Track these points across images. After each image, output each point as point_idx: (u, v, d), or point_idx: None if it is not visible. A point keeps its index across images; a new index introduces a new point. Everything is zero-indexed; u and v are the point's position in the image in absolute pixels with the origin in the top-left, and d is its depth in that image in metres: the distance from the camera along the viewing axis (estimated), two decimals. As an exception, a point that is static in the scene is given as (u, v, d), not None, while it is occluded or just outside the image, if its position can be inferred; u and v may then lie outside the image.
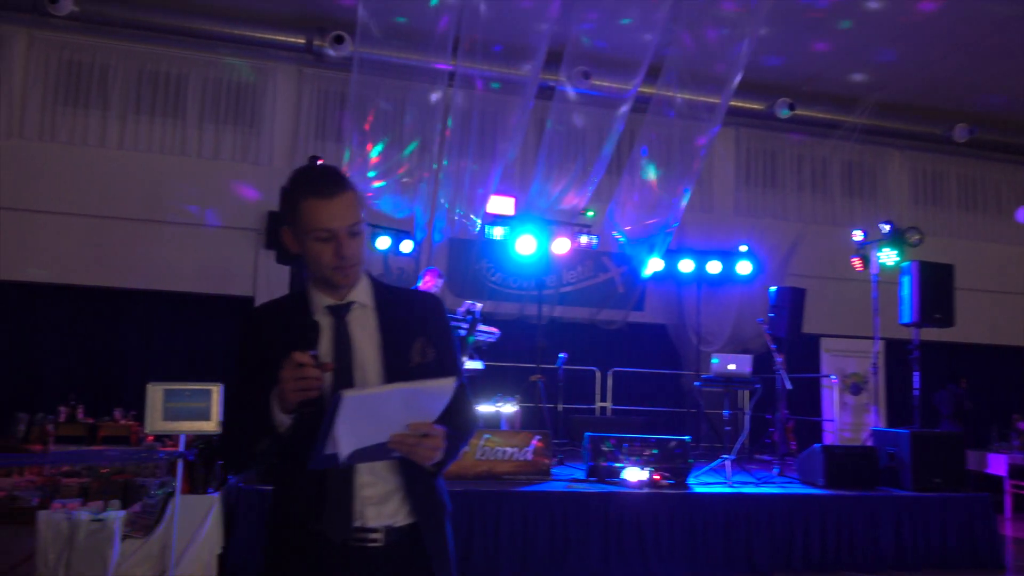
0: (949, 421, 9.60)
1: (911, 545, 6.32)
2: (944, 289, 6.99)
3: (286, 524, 1.82)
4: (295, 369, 1.64)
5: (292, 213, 1.81)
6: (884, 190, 11.73)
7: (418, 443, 1.68)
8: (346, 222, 1.78)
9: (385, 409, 1.64)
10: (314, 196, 1.78)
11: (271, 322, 1.90)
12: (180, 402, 4.57)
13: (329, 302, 1.87)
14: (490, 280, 10.02)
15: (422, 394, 1.68)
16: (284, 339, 1.74)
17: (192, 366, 9.37)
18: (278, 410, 1.69)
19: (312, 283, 1.90)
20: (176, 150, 9.33)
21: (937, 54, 9.42)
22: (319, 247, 1.80)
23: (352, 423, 1.59)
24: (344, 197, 1.79)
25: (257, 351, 1.86)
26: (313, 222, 1.77)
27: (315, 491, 1.77)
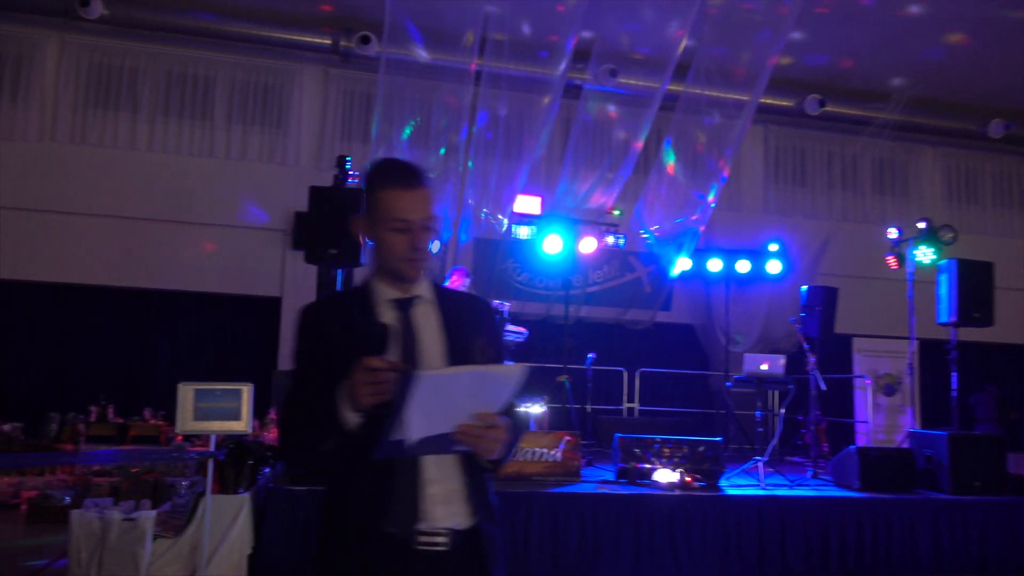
0: (988, 424, 9.38)
1: (950, 549, 6.16)
2: (983, 288, 6.82)
3: (346, 523, 1.77)
4: (368, 373, 1.62)
5: (370, 202, 1.83)
6: (916, 187, 11.52)
7: (483, 434, 1.66)
8: (422, 215, 1.81)
9: (454, 393, 1.62)
10: (396, 187, 1.81)
11: (332, 316, 1.88)
12: (211, 402, 4.57)
13: (394, 295, 1.86)
14: (516, 280, 9.97)
15: (491, 378, 1.67)
16: (348, 333, 1.77)
17: (220, 366, 9.43)
18: (347, 409, 1.67)
19: (376, 275, 1.89)
20: (204, 151, 9.40)
21: (972, 49, 9.22)
22: (394, 237, 1.80)
23: (423, 406, 1.58)
24: (423, 191, 1.82)
25: (318, 346, 1.83)
26: (392, 212, 1.79)
27: (381, 488, 1.73)
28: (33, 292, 9.10)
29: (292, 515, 5.18)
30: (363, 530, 1.74)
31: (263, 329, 9.64)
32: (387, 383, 1.61)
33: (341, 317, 1.85)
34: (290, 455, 1.96)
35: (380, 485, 1.73)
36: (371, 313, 1.83)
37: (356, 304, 1.86)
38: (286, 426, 1.85)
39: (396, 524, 1.73)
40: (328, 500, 1.84)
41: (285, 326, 9.36)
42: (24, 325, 9.12)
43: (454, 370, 1.70)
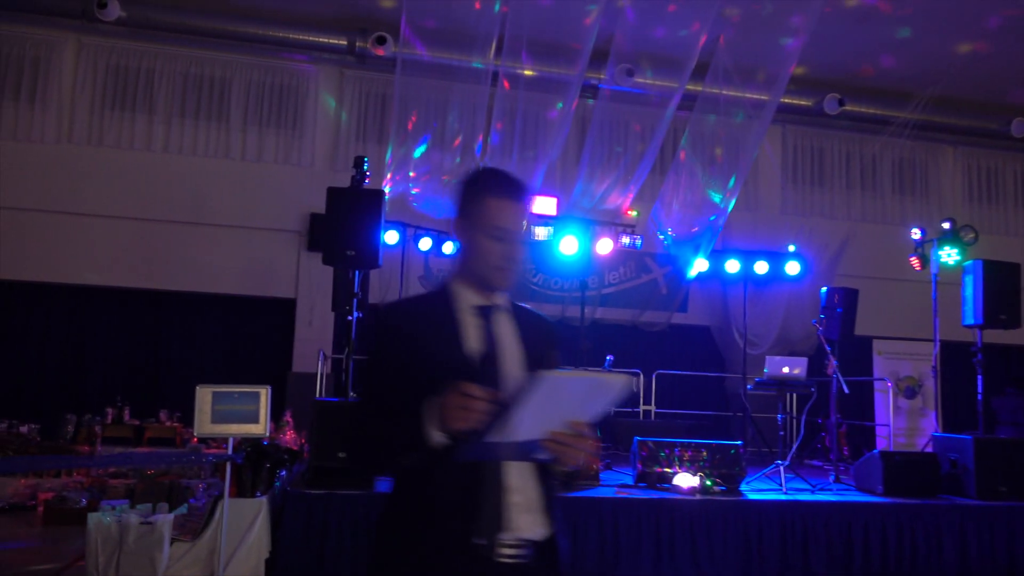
0: (1010, 427, 9.24)
1: (976, 556, 6.05)
2: (1010, 289, 6.68)
3: (428, 530, 1.71)
4: (462, 398, 1.58)
5: (472, 206, 1.84)
6: (937, 187, 11.37)
7: (573, 443, 1.65)
8: (521, 228, 1.84)
9: (564, 398, 1.61)
10: (501, 196, 1.82)
11: (415, 318, 1.85)
12: (229, 405, 4.54)
13: (476, 301, 1.86)
14: (531, 281, 9.91)
15: (599, 387, 1.64)
16: (432, 338, 1.77)
17: (235, 368, 9.43)
18: (434, 428, 1.63)
19: (460, 279, 1.90)
20: (220, 153, 9.40)
21: (993, 47, 9.09)
22: (490, 245, 1.82)
23: (535, 407, 1.56)
24: (524, 205, 1.85)
25: (401, 349, 1.80)
26: (493, 219, 1.81)
27: (468, 496, 1.69)
28: (50, 293, 9.12)
29: (309, 519, 5.15)
30: (447, 538, 1.69)
31: (278, 331, 9.62)
32: (480, 412, 1.58)
33: (424, 320, 1.83)
34: (364, 463, 1.90)
35: (467, 493, 1.69)
36: (454, 318, 1.83)
37: (438, 307, 1.86)
38: (362, 433, 1.80)
39: (483, 533, 1.69)
40: (404, 506, 1.77)
41: (300, 327, 9.35)
42: (41, 326, 9.15)
43: (573, 374, 1.67)
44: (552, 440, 1.63)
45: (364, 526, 5.22)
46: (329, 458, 5.41)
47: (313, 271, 9.21)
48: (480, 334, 1.81)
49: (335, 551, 5.14)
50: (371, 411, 1.79)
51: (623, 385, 1.63)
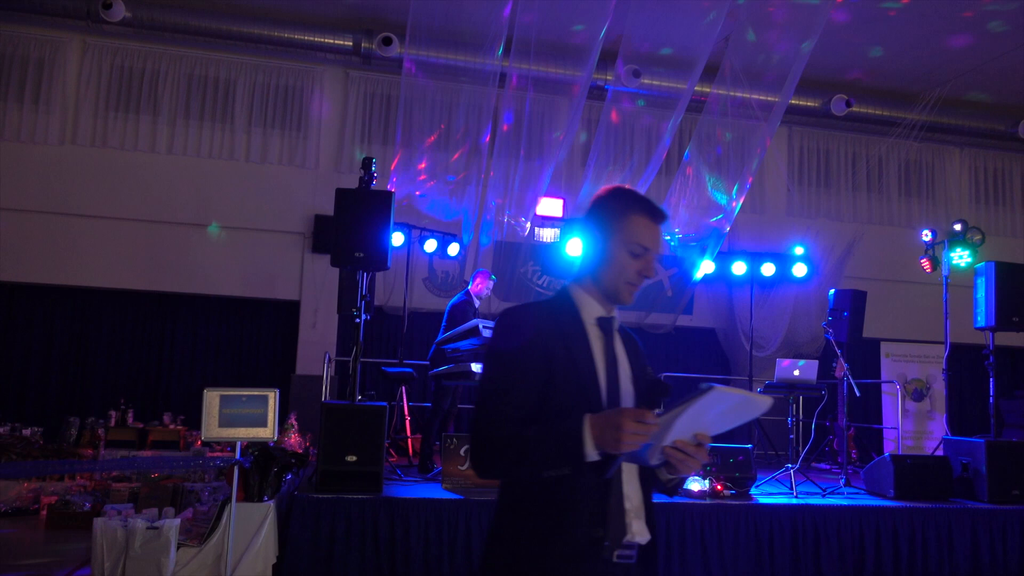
0: (1019, 430, 9.19)
1: (988, 560, 6.01)
2: (1022, 291, 6.64)
3: (563, 536, 1.75)
4: (639, 424, 1.61)
5: (616, 221, 1.91)
6: (944, 189, 11.32)
7: (695, 454, 1.68)
8: (659, 249, 1.93)
9: (710, 412, 1.65)
10: (646, 215, 1.91)
11: (541, 324, 1.85)
12: (236, 408, 4.49)
13: (600, 313, 1.92)
14: (536, 283, 9.86)
15: (746, 406, 1.69)
16: (561, 349, 1.80)
17: (239, 370, 9.40)
18: (592, 444, 1.65)
19: (582, 289, 1.96)
20: (225, 154, 9.35)
21: (1001, 48, 9.04)
22: (628, 260, 1.90)
23: (690, 419, 1.61)
24: (662, 228, 1.95)
25: (533, 357, 1.81)
26: (636, 237, 1.89)
27: (601, 502, 1.75)
28: (53, 296, 9.08)
29: (317, 523, 5.11)
30: (577, 543, 1.74)
31: (281, 333, 9.58)
32: (646, 437, 1.62)
33: (556, 330, 1.85)
34: (498, 469, 1.81)
35: (598, 500, 1.75)
36: (583, 331, 1.87)
37: (565, 317, 1.89)
38: (501, 440, 1.75)
39: (610, 538, 1.75)
40: (534, 513, 1.78)
41: (304, 330, 9.30)
42: (44, 329, 9.10)
43: (734, 390, 1.66)
44: (676, 449, 1.66)
45: (372, 530, 5.17)
46: (337, 462, 5.36)
47: (317, 273, 9.17)
48: (602, 347, 1.87)
49: (343, 555, 5.09)
50: (508, 417, 1.77)
51: (767, 405, 1.68)
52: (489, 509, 5.31)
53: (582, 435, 1.64)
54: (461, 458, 5.83)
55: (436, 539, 5.25)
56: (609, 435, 1.62)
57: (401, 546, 5.18)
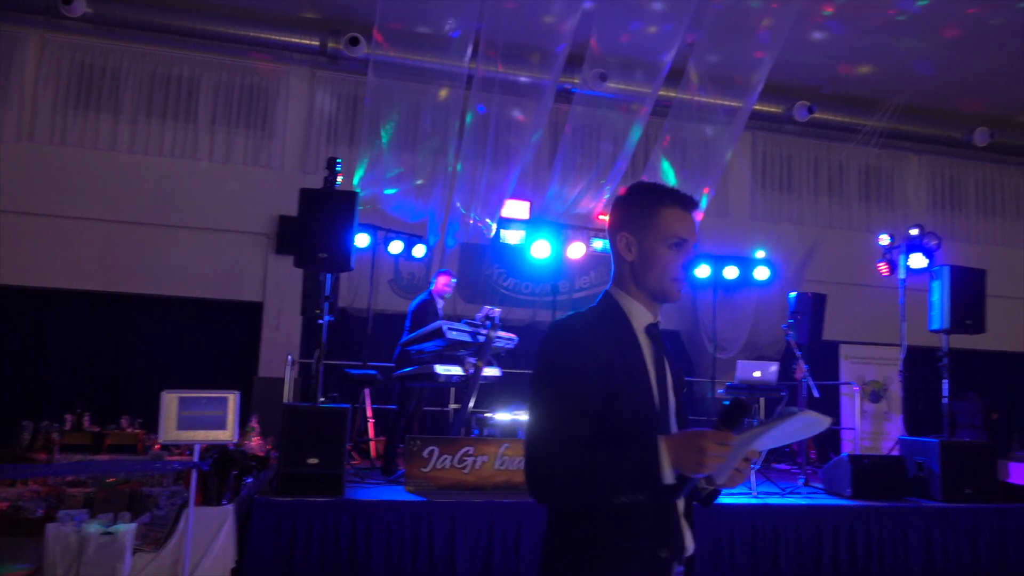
0: (970, 430, 9.42)
1: (941, 557, 6.14)
2: (976, 295, 6.81)
3: (628, 552, 1.70)
4: (721, 447, 1.58)
5: (648, 217, 1.82)
6: (902, 195, 11.57)
7: (744, 468, 1.69)
8: (695, 238, 1.84)
9: (780, 433, 1.63)
10: (679, 206, 1.83)
11: (595, 337, 1.75)
12: (195, 410, 4.43)
13: (649, 320, 1.84)
14: (501, 285, 9.87)
15: (810, 426, 1.68)
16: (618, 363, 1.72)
17: (199, 373, 9.23)
18: (669, 468, 1.60)
19: (626, 294, 1.86)
20: (187, 154, 9.22)
21: (958, 58, 9.27)
22: (670, 256, 1.81)
23: (765, 439, 1.61)
24: (695, 217, 1.86)
25: (593, 374, 1.70)
26: (673, 230, 1.80)
27: (665, 518, 1.73)
28: (9, 296, 8.86)
29: (277, 527, 5.05)
30: (644, 560, 1.71)
31: (244, 335, 9.46)
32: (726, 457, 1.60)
33: (610, 342, 1.75)
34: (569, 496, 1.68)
35: (666, 519, 1.73)
36: (635, 341, 1.80)
37: (616, 327, 1.80)
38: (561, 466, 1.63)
39: (672, 552, 1.74)
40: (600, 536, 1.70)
41: (267, 331, 9.20)
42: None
43: (811, 414, 1.66)
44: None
45: (333, 533, 5.13)
46: (298, 464, 5.32)
47: (281, 274, 9.08)
48: (652, 357, 1.80)
49: (304, 559, 5.05)
50: (575, 440, 1.65)
51: (827, 425, 1.68)
52: (452, 511, 5.33)
53: (659, 459, 1.58)
54: (424, 460, 5.81)
55: (398, 542, 5.22)
56: (689, 458, 1.57)
57: (363, 549, 5.15)
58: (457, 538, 5.31)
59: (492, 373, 6.96)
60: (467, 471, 5.87)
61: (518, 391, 8.48)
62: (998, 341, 11.42)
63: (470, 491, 5.76)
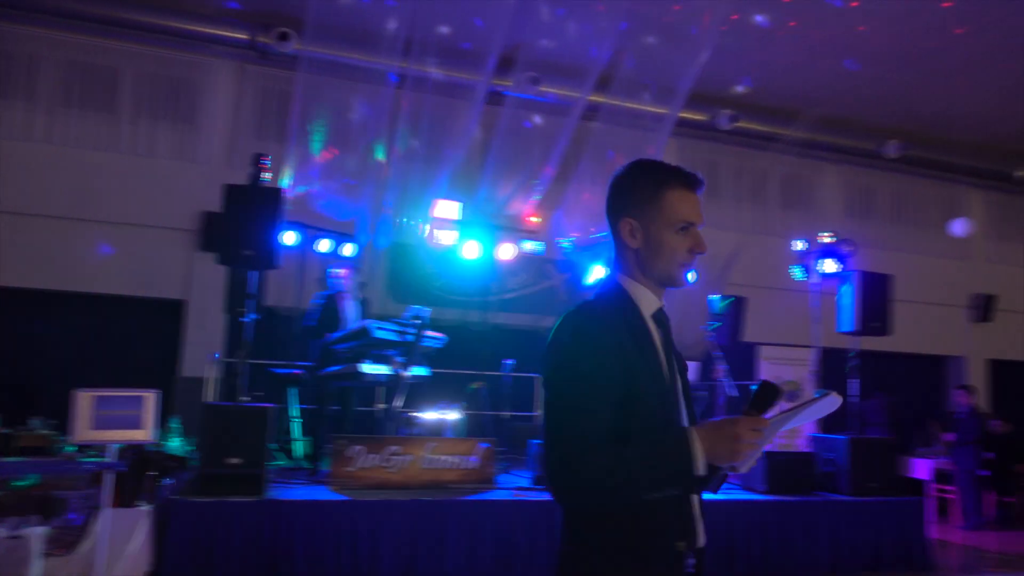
0: (878, 428, 9.89)
1: (847, 548, 6.46)
2: (882, 299, 7.18)
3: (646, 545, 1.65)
4: (756, 433, 1.56)
5: (653, 200, 1.74)
6: (819, 202, 12.06)
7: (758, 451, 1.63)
8: (702, 219, 1.76)
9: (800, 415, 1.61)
10: (683, 187, 1.75)
11: (619, 330, 1.68)
12: (111, 410, 4.33)
13: (656, 306, 1.77)
14: (432, 285, 9.88)
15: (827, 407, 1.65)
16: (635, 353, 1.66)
17: (119, 372, 8.93)
18: (703, 457, 1.55)
19: (634, 280, 1.78)
20: (108, 146, 8.93)
21: (871, 73, 9.73)
22: (678, 239, 1.73)
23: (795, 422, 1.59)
24: (700, 196, 1.78)
25: (614, 367, 1.63)
26: (679, 212, 1.73)
27: (685, 511, 1.69)
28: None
29: (196, 528, 4.97)
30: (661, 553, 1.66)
31: (166, 333, 9.22)
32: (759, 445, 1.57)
33: (626, 333, 1.69)
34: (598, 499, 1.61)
35: (687, 511, 1.70)
36: (647, 329, 1.73)
37: (629, 316, 1.73)
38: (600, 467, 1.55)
39: (688, 545, 1.70)
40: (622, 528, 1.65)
41: (191, 330, 8.99)
42: (-101, 326, 8.44)
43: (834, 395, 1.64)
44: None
45: (255, 534, 5.08)
46: (219, 464, 5.24)
47: (206, 271, 8.87)
48: (661, 343, 1.73)
49: (223, 560, 4.98)
50: (600, 436, 1.59)
51: (838, 404, 1.66)
52: (376, 510, 5.33)
53: (692, 452, 1.54)
54: (350, 459, 5.80)
55: (321, 541, 5.20)
56: (723, 447, 1.54)
57: (284, 550, 5.11)
58: (381, 537, 5.32)
59: (421, 373, 6.99)
60: (393, 470, 5.88)
61: (446, 390, 8.51)
62: (906, 343, 12.07)
63: (396, 490, 5.77)
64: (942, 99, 10.43)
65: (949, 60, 9.20)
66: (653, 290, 1.77)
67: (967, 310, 12.72)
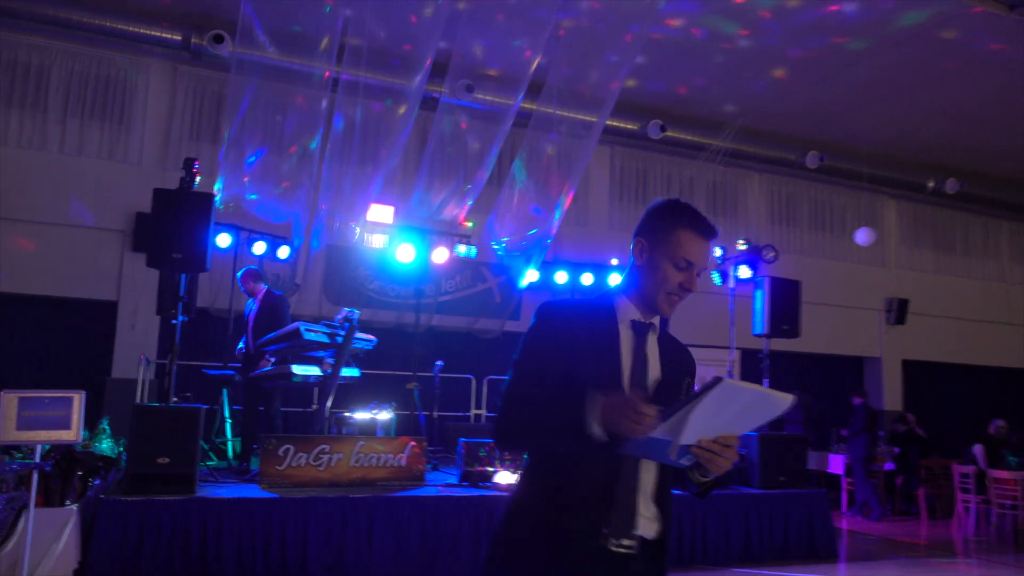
0: (795, 425, 10.40)
1: (757, 539, 6.86)
2: (792, 303, 7.63)
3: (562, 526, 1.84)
4: (635, 412, 1.67)
5: (664, 233, 1.96)
6: (744, 210, 12.57)
7: (722, 452, 1.71)
8: (704, 264, 1.97)
9: (731, 408, 1.65)
10: (694, 231, 1.95)
11: (574, 320, 1.95)
12: (37, 410, 4.39)
13: (635, 316, 1.97)
14: (368, 288, 10.01)
15: (766, 402, 1.70)
16: (588, 341, 1.90)
17: (48, 374, 8.86)
18: (596, 423, 1.75)
19: (624, 295, 2.01)
20: (36, 144, 8.82)
21: (792, 86, 10.23)
22: (672, 272, 1.94)
23: (706, 413, 1.61)
24: (712, 244, 2.01)
25: (562, 343, 1.90)
26: (682, 251, 1.93)
27: (603, 486, 1.84)
28: None
29: (124, 526, 5.05)
30: (581, 525, 1.83)
31: (97, 335, 9.15)
32: (644, 426, 1.67)
33: (586, 324, 1.94)
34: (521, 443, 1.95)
35: (608, 485, 1.84)
36: (614, 328, 1.94)
37: (600, 315, 1.97)
38: (522, 416, 1.88)
39: (612, 526, 1.83)
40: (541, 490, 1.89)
41: (122, 331, 8.95)
42: None
43: (748, 385, 1.68)
44: (703, 448, 1.70)
45: (183, 531, 5.17)
46: (148, 464, 5.32)
47: (138, 273, 8.85)
48: (631, 348, 1.93)
49: (151, 557, 5.07)
50: (533, 396, 1.88)
51: (788, 403, 1.70)
52: (305, 507, 5.48)
53: (589, 410, 1.74)
54: (280, 458, 5.93)
55: (249, 539, 5.33)
56: (614, 416, 1.70)
57: (213, 546, 5.22)
58: (310, 534, 5.47)
59: (351, 374, 7.15)
60: (322, 468, 6.03)
61: (377, 391, 8.66)
62: (826, 344, 12.71)
63: (325, 487, 5.93)
64: (858, 113, 11.02)
65: (864, 74, 9.73)
66: (639, 309, 1.98)
67: (882, 313, 13.42)
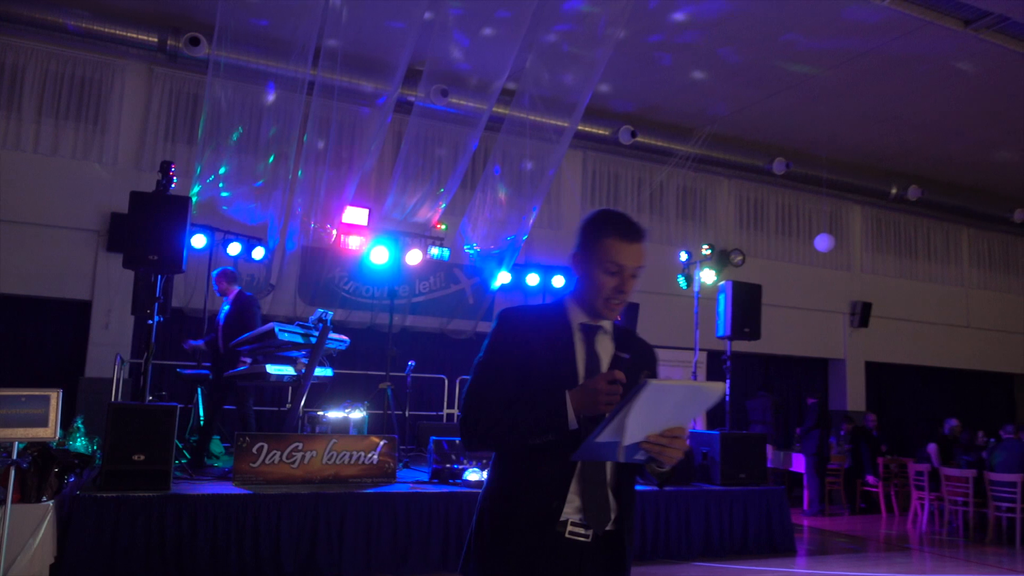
0: (761, 425, 10.70)
1: (718, 534, 7.10)
2: (753, 306, 7.89)
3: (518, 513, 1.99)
4: (612, 385, 1.85)
5: (592, 243, 2.09)
6: (713, 214, 12.85)
7: (671, 444, 1.83)
8: (635, 264, 2.07)
9: (666, 404, 1.76)
10: (618, 237, 2.06)
11: (531, 325, 2.11)
12: (13, 408, 4.48)
13: (583, 320, 2.13)
14: (343, 289, 10.14)
15: (698, 394, 1.84)
16: (545, 344, 2.06)
17: (21, 373, 8.89)
18: (573, 411, 1.92)
19: (573, 302, 2.15)
20: (10, 144, 8.85)
21: (759, 95, 10.52)
22: (605, 278, 2.06)
23: (641, 413, 1.71)
24: (640, 246, 2.09)
25: (519, 347, 2.06)
26: (611, 256, 2.05)
27: (565, 473, 1.98)
28: None
29: (100, 522, 5.16)
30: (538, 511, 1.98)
31: (72, 334, 9.20)
32: (618, 395, 1.84)
33: (541, 328, 2.09)
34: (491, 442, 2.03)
35: (566, 475, 1.98)
36: (568, 332, 2.10)
37: (554, 320, 2.12)
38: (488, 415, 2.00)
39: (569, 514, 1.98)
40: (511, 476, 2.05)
41: (96, 331, 9.00)
42: None
43: (676, 381, 1.78)
44: (652, 443, 1.81)
45: (158, 527, 5.29)
46: (123, 461, 5.43)
47: (113, 272, 8.92)
48: (584, 348, 2.09)
49: (126, 553, 5.18)
50: (492, 399, 2.01)
51: (721, 392, 1.83)
52: (278, 503, 5.63)
53: (565, 406, 1.90)
54: (254, 456, 6.06)
55: (224, 534, 5.46)
56: (588, 399, 1.87)
57: (187, 542, 5.35)
58: (282, 529, 5.61)
59: (324, 373, 7.29)
60: (295, 465, 6.18)
61: (350, 390, 8.82)
62: (792, 346, 13.04)
63: (298, 484, 6.07)
64: (823, 122, 11.34)
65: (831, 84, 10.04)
66: (583, 309, 2.13)
67: (847, 316, 13.79)
